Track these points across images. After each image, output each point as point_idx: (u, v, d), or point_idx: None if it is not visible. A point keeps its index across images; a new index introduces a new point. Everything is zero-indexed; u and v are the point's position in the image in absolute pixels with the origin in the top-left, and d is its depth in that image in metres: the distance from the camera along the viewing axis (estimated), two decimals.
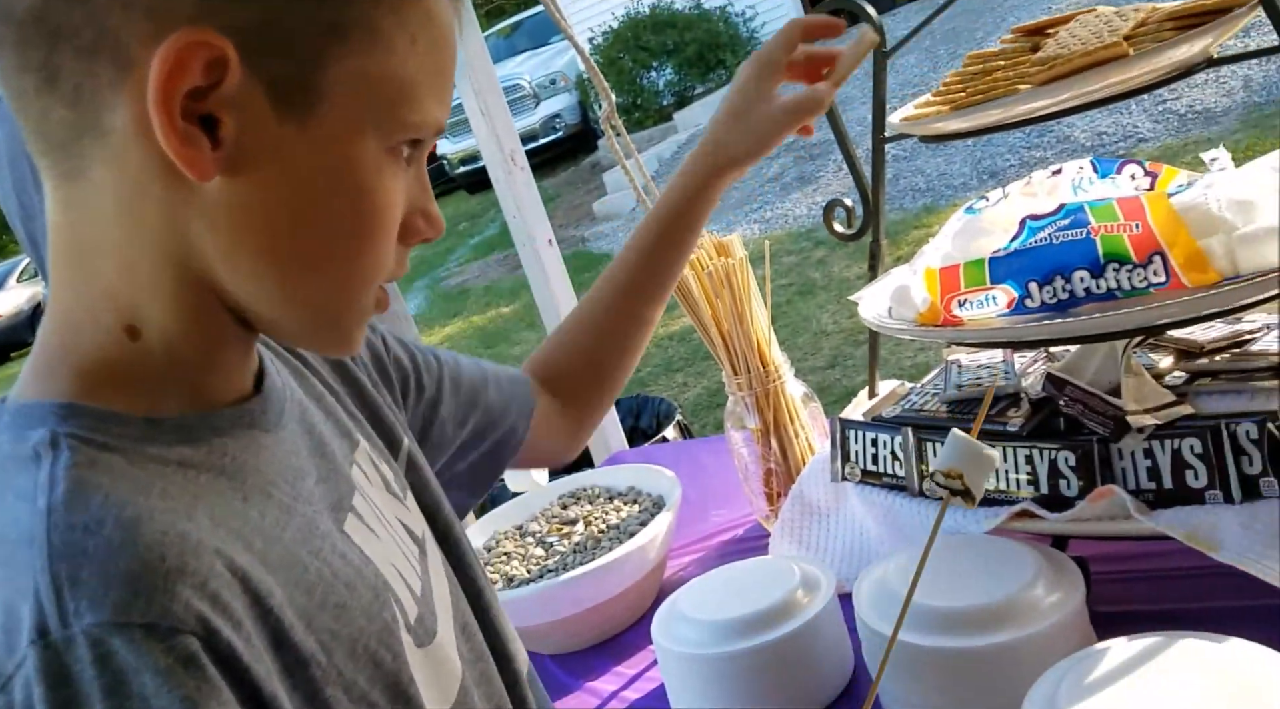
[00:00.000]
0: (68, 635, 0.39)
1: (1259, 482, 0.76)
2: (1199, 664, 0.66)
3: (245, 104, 0.45)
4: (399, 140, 0.49)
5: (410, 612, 0.55)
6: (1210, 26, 0.75)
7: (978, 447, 0.70)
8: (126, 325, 0.48)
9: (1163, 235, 0.78)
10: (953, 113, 0.84)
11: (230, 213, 0.47)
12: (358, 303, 0.52)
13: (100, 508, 0.42)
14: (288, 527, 0.49)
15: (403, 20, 0.47)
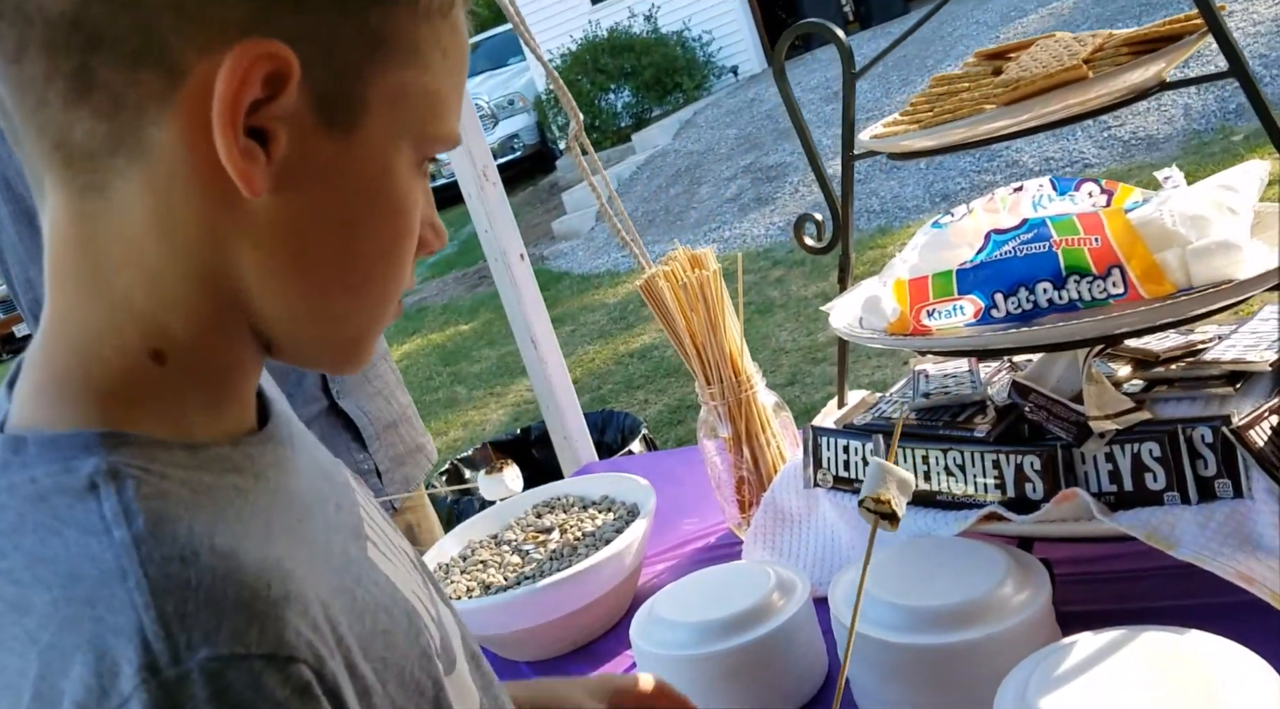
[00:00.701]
0: (181, 672, 0.37)
1: (1214, 483, 0.80)
2: (1161, 655, 0.69)
3: (296, 118, 0.44)
4: (428, 153, 0.49)
5: (435, 638, 0.54)
6: (1163, 52, 0.79)
7: (895, 471, 0.76)
8: (152, 350, 0.45)
9: (1121, 249, 0.82)
10: (920, 131, 0.87)
11: (273, 229, 0.46)
12: (383, 317, 0.51)
13: (189, 538, 0.40)
14: (331, 554, 0.48)
15: (436, 34, 0.47)
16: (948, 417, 0.96)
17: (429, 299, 7.88)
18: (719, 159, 7.91)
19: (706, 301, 1.12)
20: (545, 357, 1.53)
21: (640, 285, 1.17)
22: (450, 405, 5.20)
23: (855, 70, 0.96)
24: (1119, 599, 0.89)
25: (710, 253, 1.16)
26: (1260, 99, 0.76)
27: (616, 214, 1.45)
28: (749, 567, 1.00)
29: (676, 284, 1.12)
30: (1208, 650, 0.68)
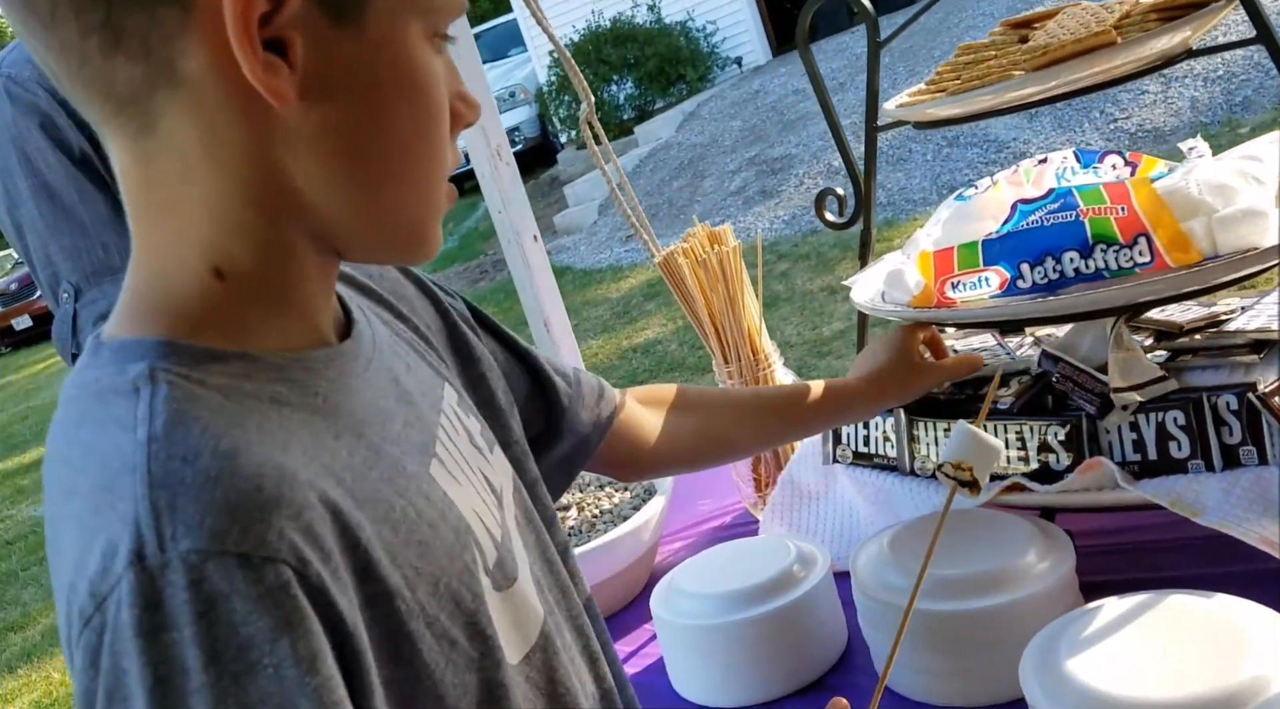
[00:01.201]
0: (164, 560, 0.40)
1: (1239, 450, 0.80)
2: (1188, 618, 0.70)
3: (306, 21, 0.45)
4: (436, 24, 0.50)
5: (490, 556, 0.55)
6: (1190, 18, 0.79)
7: (984, 439, 0.73)
8: (213, 267, 0.49)
9: (1147, 218, 0.81)
10: (947, 98, 0.87)
11: (311, 135, 0.48)
12: (436, 200, 0.53)
13: (198, 439, 0.43)
14: (376, 465, 0.50)
15: None
16: (970, 388, 0.96)
17: None
18: (723, 152, 7.89)
19: (726, 278, 1.12)
20: (559, 340, 1.52)
21: (658, 262, 1.16)
22: None
23: (880, 38, 0.96)
24: (1142, 568, 0.89)
25: (729, 229, 1.16)
26: None
27: (626, 198, 1.44)
28: (769, 540, 1.00)
29: (696, 261, 1.12)
30: (1234, 612, 0.69)
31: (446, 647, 0.49)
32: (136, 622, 0.39)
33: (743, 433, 0.93)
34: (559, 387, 0.79)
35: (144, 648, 0.39)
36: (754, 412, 0.93)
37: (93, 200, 1.32)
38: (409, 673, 0.48)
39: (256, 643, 0.40)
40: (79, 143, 1.33)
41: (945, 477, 0.74)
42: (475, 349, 0.72)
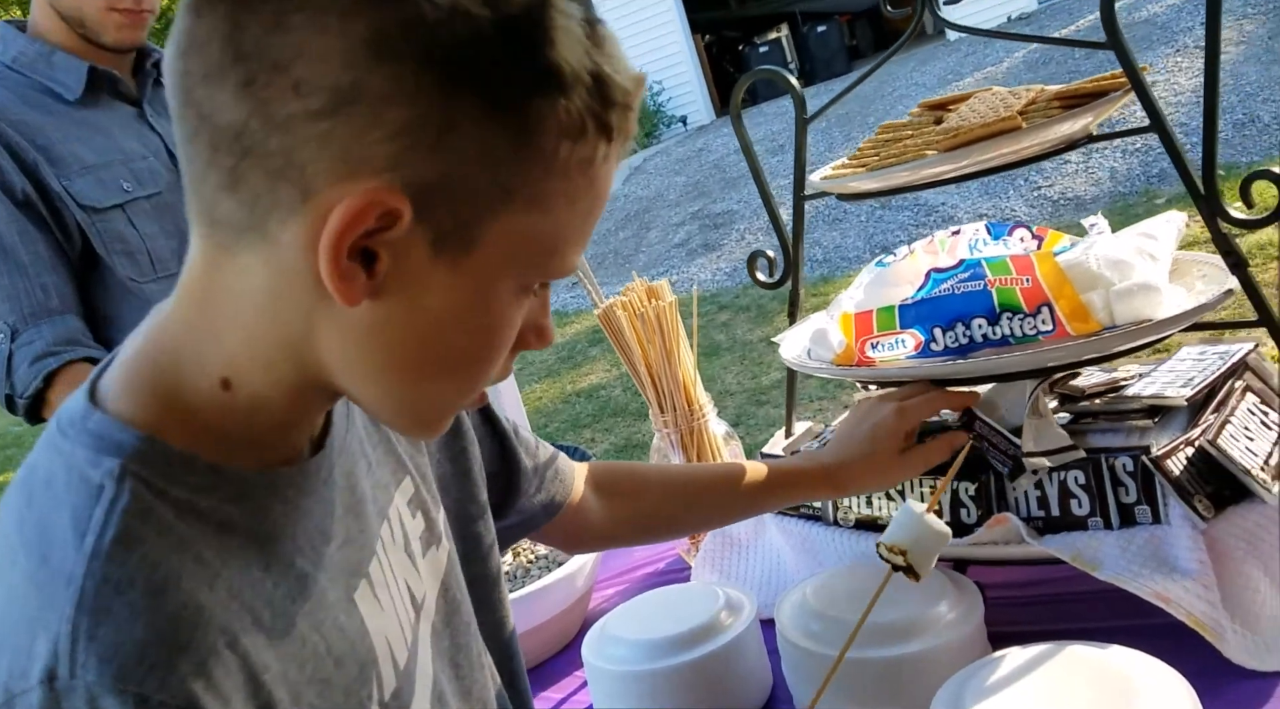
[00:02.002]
0: (70, 685, 0.42)
1: (1134, 509, 0.86)
2: (1084, 668, 0.74)
3: (408, 246, 0.48)
4: (533, 282, 0.53)
5: (388, 686, 0.57)
6: (1090, 106, 0.86)
7: (929, 523, 0.73)
8: (224, 378, 0.51)
9: (1050, 289, 0.88)
10: (867, 173, 0.93)
11: (364, 331, 0.50)
12: (454, 408, 0.56)
13: (135, 568, 0.45)
14: (300, 598, 0.52)
15: (569, 186, 0.50)
16: None
17: None
18: (668, 205, 8.03)
19: (662, 331, 1.16)
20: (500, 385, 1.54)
21: (598, 314, 1.20)
22: None
23: (807, 115, 1.02)
24: (1047, 620, 0.94)
25: (666, 285, 1.20)
26: (1176, 150, 0.83)
27: None
28: (699, 587, 1.03)
29: (634, 314, 1.16)
30: (1128, 664, 0.73)
31: None
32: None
33: (687, 519, 0.97)
34: (523, 467, 0.84)
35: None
36: (702, 496, 0.94)
37: (33, 241, 1.32)
38: None
39: None
40: (22, 185, 1.34)
41: (880, 556, 0.75)
42: (463, 423, 0.76)
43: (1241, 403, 0.92)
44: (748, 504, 0.94)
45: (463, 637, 0.70)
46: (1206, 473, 0.85)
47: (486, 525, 0.79)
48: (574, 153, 0.49)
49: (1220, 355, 0.98)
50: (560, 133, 0.48)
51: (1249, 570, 0.83)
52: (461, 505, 0.77)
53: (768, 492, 0.92)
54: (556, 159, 0.49)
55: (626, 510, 0.94)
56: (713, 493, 0.94)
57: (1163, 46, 6.77)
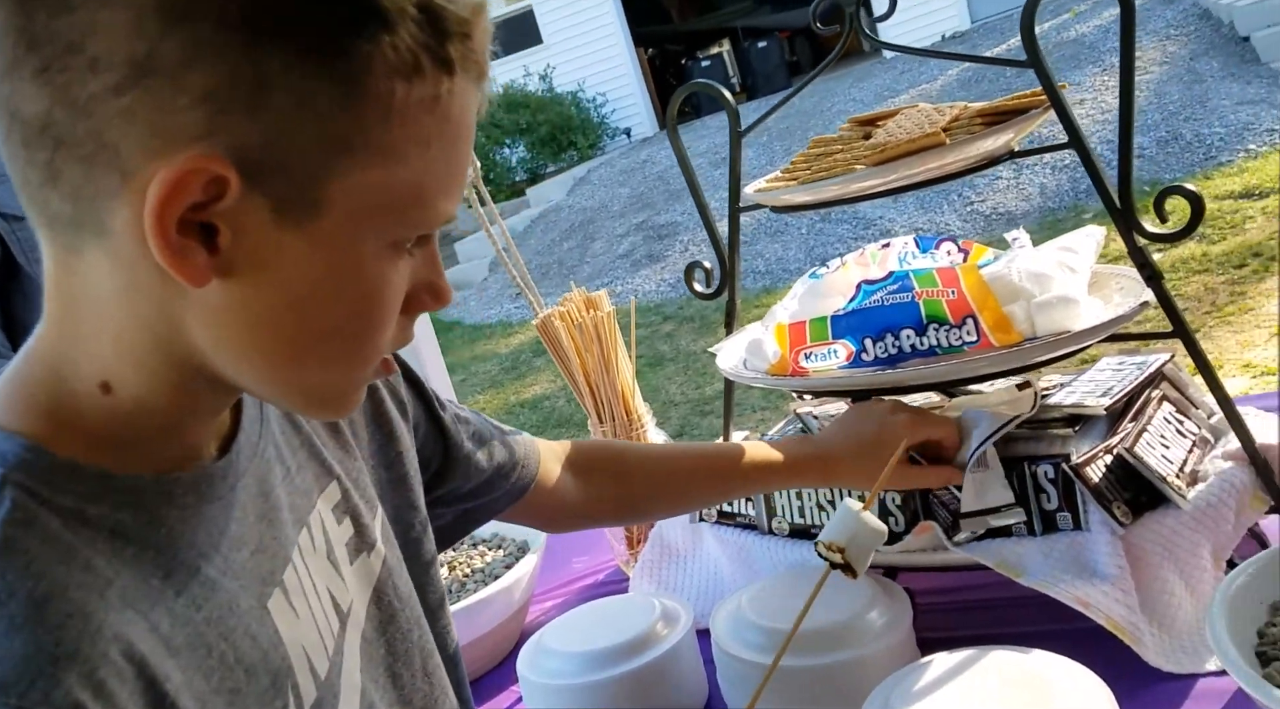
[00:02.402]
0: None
1: (1056, 516, 0.88)
2: (1008, 672, 0.76)
3: (246, 215, 0.45)
4: (406, 237, 0.50)
5: (307, 697, 0.55)
6: (1012, 123, 0.89)
7: (866, 521, 0.73)
8: (102, 382, 0.49)
9: (974, 301, 0.90)
10: (798, 187, 0.94)
11: (224, 312, 0.48)
12: (355, 380, 0.53)
13: (17, 577, 0.43)
14: (204, 606, 0.50)
15: (417, 130, 0.47)
16: None
17: None
18: (612, 216, 8.05)
19: (600, 341, 1.16)
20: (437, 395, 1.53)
21: (536, 324, 1.20)
22: None
23: (741, 128, 1.03)
24: (974, 625, 0.96)
25: (604, 295, 1.20)
26: (1093, 165, 0.86)
27: (512, 260, 1.48)
28: (636, 598, 1.03)
29: (572, 324, 1.16)
30: (1050, 668, 0.75)
31: None
32: None
33: (670, 499, 0.95)
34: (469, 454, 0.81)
35: None
36: (686, 476, 0.93)
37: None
38: None
39: None
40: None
41: (818, 553, 0.75)
42: (397, 427, 0.73)
43: (1158, 412, 0.95)
44: (734, 485, 0.93)
45: (401, 645, 0.68)
46: (1125, 480, 0.88)
47: (428, 536, 0.77)
48: (411, 93, 0.46)
49: (1138, 366, 1.01)
50: (391, 73, 0.45)
51: (1165, 575, 0.86)
52: (400, 512, 0.74)
53: (757, 473, 0.91)
54: (393, 102, 0.46)
55: (607, 490, 0.92)
56: (698, 473, 0.93)
57: (1090, 66, 6.98)
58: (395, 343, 0.53)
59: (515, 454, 0.85)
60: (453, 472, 0.81)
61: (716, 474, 0.92)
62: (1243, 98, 5.78)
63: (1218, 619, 0.67)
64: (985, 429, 0.88)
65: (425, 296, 0.53)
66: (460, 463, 0.81)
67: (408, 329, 0.54)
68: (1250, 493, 0.89)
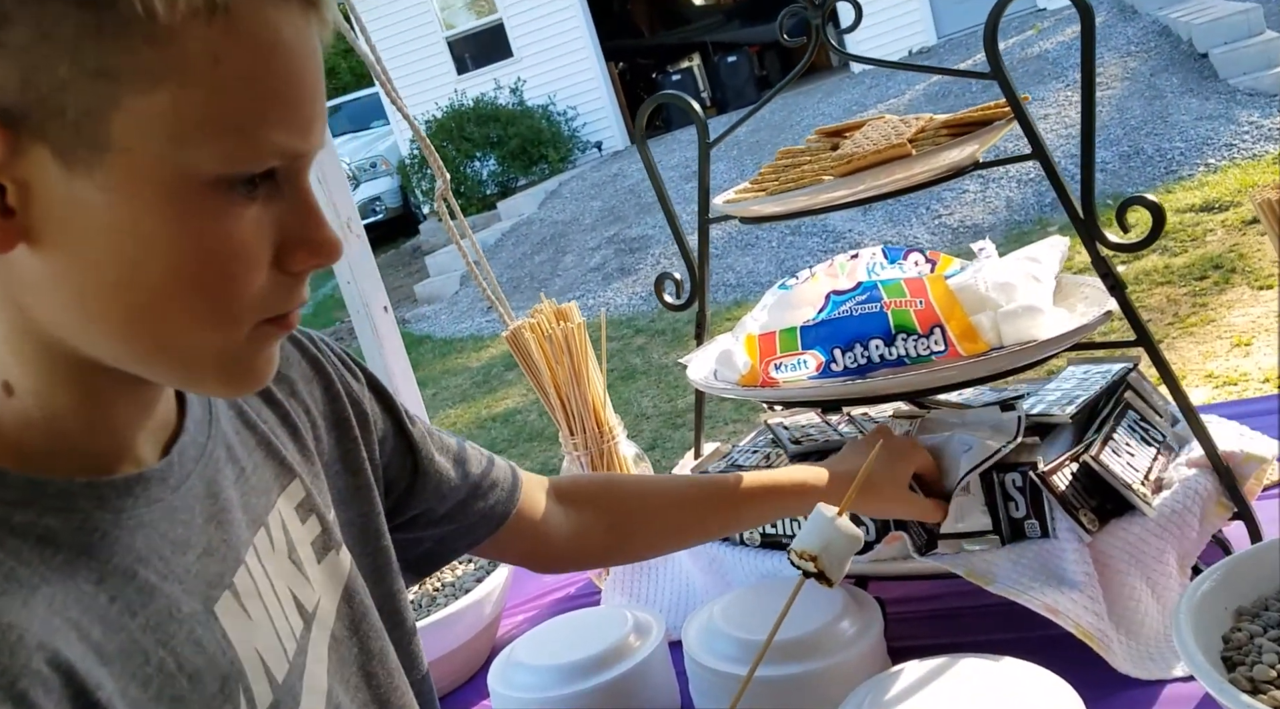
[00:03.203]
0: None
1: (1024, 524, 0.89)
2: (979, 680, 0.76)
3: (28, 168, 0.42)
4: (226, 172, 0.45)
5: (262, 700, 0.53)
6: (976, 134, 0.90)
7: (842, 527, 0.72)
8: (2, 382, 0.47)
9: (942, 311, 0.90)
10: (767, 197, 0.95)
11: (50, 282, 0.45)
12: (226, 343, 0.49)
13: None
14: (141, 611, 0.48)
15: (196, 46, 0.43)
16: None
17: None
18: (583, 229, 8.06)
19: (571, 353, 1.16)
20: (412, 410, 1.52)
21: (506, 336, 1.20)
22: None
23: (710, 140, 1.03)
24: (945, 633, 0.96)
25: (574, 307, 1.20)
26: (1056, 176, 0.87)
27: (483, 272, 1.48)
28: (608, 611, 1.02)
29: (542, 335, 1.16)
30: (1019, 675, 0.75)
31: None
32: None
33: (665, 527, 0.88)
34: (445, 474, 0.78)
35: None
36: (685, 505, 0.87)
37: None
38: None
39: None
40: None
41: (791, 562, 0.73)
42: (358, 437, 0.71)
43: (1123, 420, 0.96)
44: (742, 513, 0.87)
45: (376, 643, 0.65)
46: (1091, 488, 0.88)
47: (391, 546, 0.74)
48: (176, 6, 0.42)
49: (1102, 374, 1.03)
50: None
51: (1132, 582, 0.87)
52: (367, 519, 0.72)
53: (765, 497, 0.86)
54: (156, 21, 0.42)
55: (598, 520, 0.86)
56: (698, 502, 0.87)
57: (1054, 81, 7.09)
58: (280, 301, 0.49)
59: (491, 475, 0.81)
60: (424, 488, 0.78)
61: (719, 502, 0.86)
62: (1202, 113, 5.90)
63: (1184, 625, 0.67)
64: (974, 457, 0.88)
65: (301, 250, 0.49)
66: (431, 478, 0.77)
67: (295, 289, 0.50)
68: (1214, 500, 0.90)
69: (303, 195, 0.49)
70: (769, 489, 0.87)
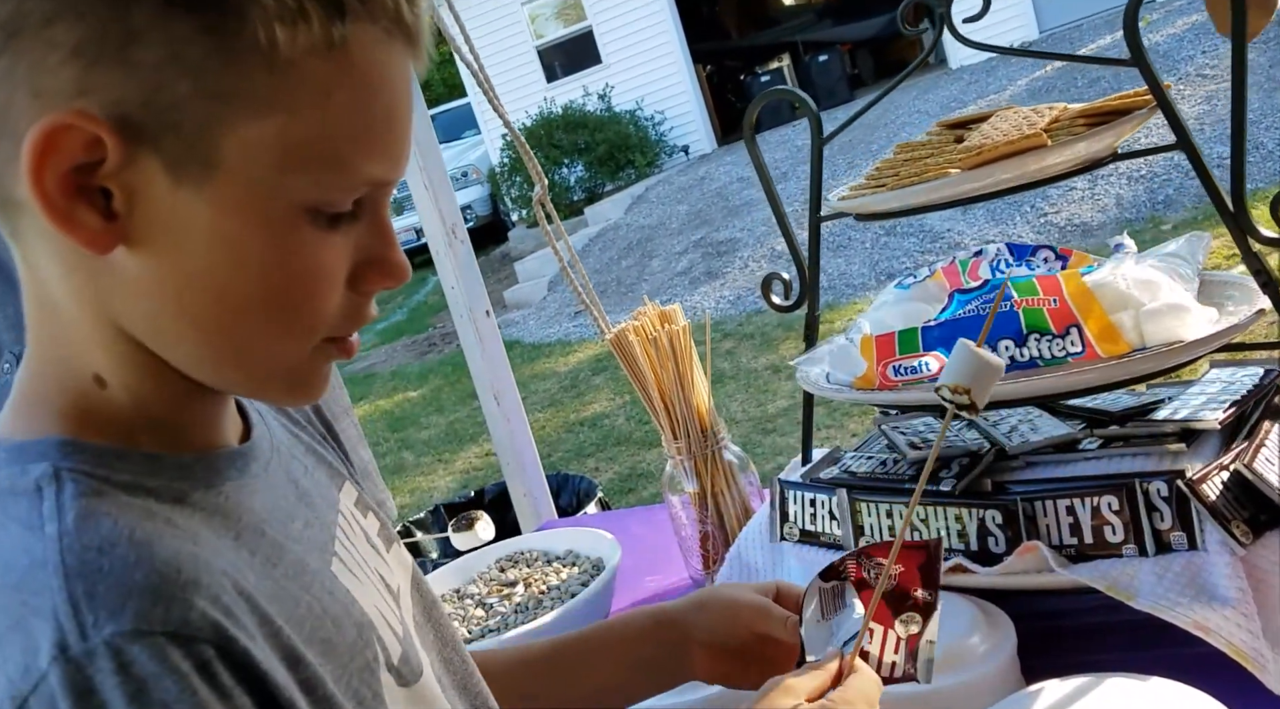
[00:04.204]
0: (88, 648, 0.39)
1: (1169, 535, 0.83)
2: (1126, 700, 0.71)
3: (138, 176, 0.44)
4: (319, 200, 0.47)
5: (394, 652, 0.55)
6: (1115, 124, 0.85)
7: (984, 356, 0.67)
8: (94, 375, 0.49)
9: (1078, 309, 0.85)
10: (887, 193, 0.91)
11: (142, 283, 0.46)
12: (299, 359, 0.51)
13: (112, 530, 0.43)
14: (280, 562, 0.50)
15: (310, 79, 0.45)
16: (912, 470, 0.98)
17: (377, 365, 7.82)
18: (670, 234, 8.05)
19: (676, 356, 1.13)
20: (509, 413, 1.53)
21: (610, 339, 1.18)
22: (397, 471, 5.13)
23: (824, 135, 1.00)
24: (1080, 651, 0.91)
25: (678, 309, 1.18)
26: (1203, 167, 0.82)
27: (577, 276, 1.47)
28: None
29: (646, 338, 1.14)
30: (1170, 696, 0.70)
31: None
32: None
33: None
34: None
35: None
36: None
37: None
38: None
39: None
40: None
41: (942, 398, 0.68)
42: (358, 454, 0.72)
43: (1275, 425, 0.89)
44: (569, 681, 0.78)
45: (448, 631, 0.67)
46: (1242, 497, 0.82)
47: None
48: (297, 39, 0.44)
49: (1250, 377, 0.96)
50: (269, 19, 0.43)
51: None
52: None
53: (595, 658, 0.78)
54: (276, 51, 0.43)
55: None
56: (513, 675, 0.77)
57: (1166, 74, 6.78)
58: (348, 321, 0.51)
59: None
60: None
61: (544, 672, 0.77)
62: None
63: None
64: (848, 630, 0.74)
65: (374, 272, 0.51)
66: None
67: (362, 309, 0.52)
68: None
69: (381, 220, 0.51)
70: (600, 645, 0.79)
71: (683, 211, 8.43)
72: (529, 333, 7.29)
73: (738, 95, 11.79)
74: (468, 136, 12.56)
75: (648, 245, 8.02)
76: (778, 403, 4.42)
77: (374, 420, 6.23)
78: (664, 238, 8.02)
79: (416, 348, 8.00)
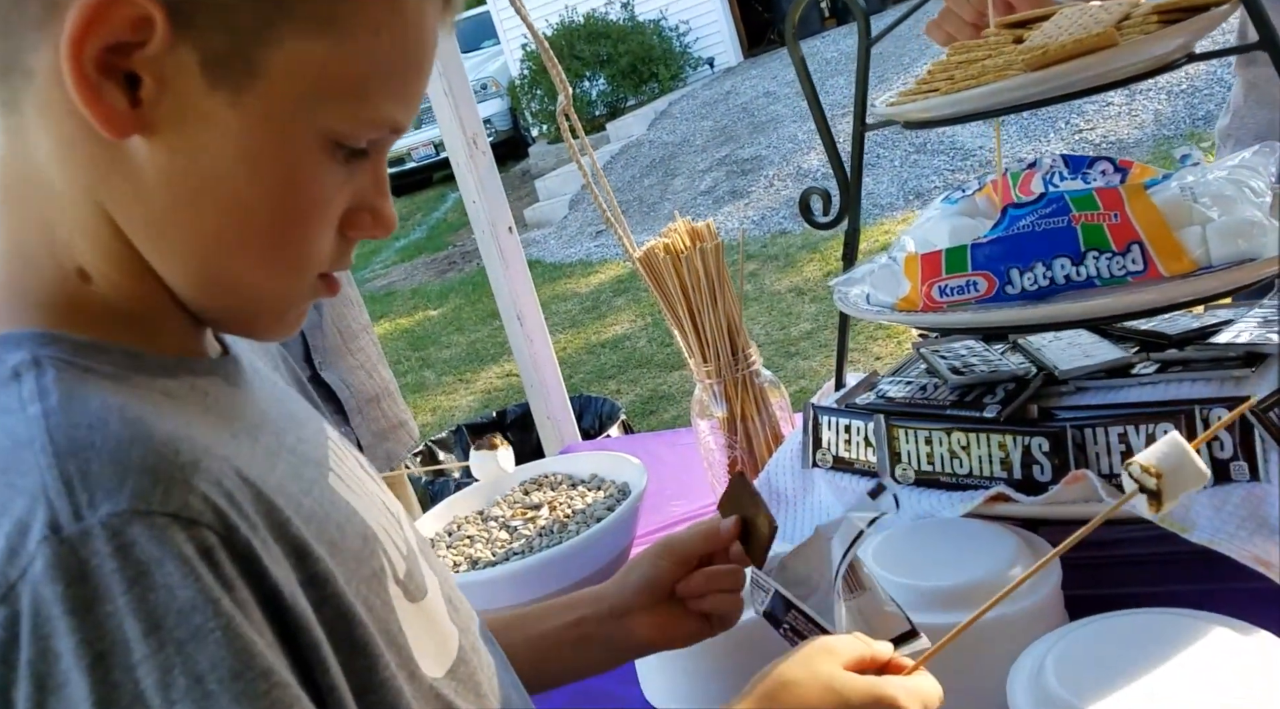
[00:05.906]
0: (83, 528, 0.37)
1: (1230, 465, 0.79)
2: (1179, 637, 0.68)
3: (174, 68, 0.43)
4: (341, 133, 0.47)
5: (399, 567, 0.53)
6: (1192, 22, 0.78)
7: (1194, 461, 0.63)
8: (78, 268, 0.46)
9: (1141, 225, 0.80)
10: (940, 98, 0.85)
11: (147, 178, 0.44)
12: (287, 290, 0.50)
13: (101, 408, 0.41)
14: (277, 464, 0.48)
15: (366, 13, 0.45)
16: (954, 396, 0.94)
17: (397, 283, 7.79)
18: (694, 151, 7.89)
19: (708, 275, 1.09)
20: (531, 333, 1.49)
21: (639, 256, 1.13)
22: (418, 390, 5.14)
23: (871, 35, 0.93)
24: (1126, 584, 0.87)
25: (712, 225, 1.13)
26: None
27: (602, 192, 1.41)
28: None
29: (677, 256, 1.09)
30: (1225, 633, 0.67)
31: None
32: (63, 598, 0.36)
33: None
34: None
35: (76, 625, 0.36)
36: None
37: None
38: (365, 660, 0.45)
39: (198, 606, 0.37)
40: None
41: (1129, 473, 0.64)
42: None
43: None
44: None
45: (444, 572, 0.65)
46: None
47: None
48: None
49: None
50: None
51: None
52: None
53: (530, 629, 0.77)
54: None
55: None
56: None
57: None
58: (332, 260, 0.50)
59: None
60: None
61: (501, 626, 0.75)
62: None
63: None
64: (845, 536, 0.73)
65: (366, 218, 0.51)
66: None
67: (346, 253, 0.51)
68: None
69: (380, 168, 0.51)
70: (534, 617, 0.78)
71: (707, 128, 8.25)
72: (549, 252, 7.22)
73: (765, 6, 11.42)
74: (486, 47, 12.26)
75: (671, 163, 7.87)
76: (801, 326, 4.37)
77: (394, 339, 6.23)
78: (687, 155, 7.87)
79: (436, 266, 7.95)
